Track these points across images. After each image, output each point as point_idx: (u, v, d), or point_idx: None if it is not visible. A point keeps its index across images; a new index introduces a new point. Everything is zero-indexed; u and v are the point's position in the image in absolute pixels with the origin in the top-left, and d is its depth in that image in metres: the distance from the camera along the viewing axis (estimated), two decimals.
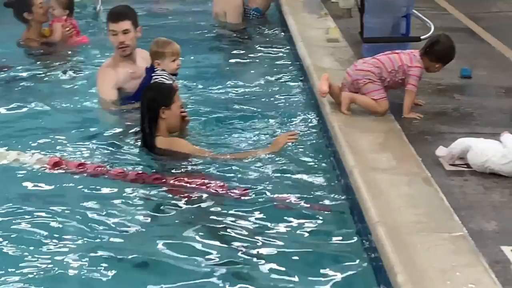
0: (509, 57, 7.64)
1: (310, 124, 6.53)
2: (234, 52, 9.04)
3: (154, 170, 5.59)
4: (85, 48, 8.83)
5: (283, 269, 4.39)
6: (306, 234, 4.78)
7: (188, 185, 5.36)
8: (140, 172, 5.56)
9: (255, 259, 4.50)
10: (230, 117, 6.69)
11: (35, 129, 6.44)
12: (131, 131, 6.21)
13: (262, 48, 9.02)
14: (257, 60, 8.57)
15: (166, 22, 10.29)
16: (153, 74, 6.41)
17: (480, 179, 4.99)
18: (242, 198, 5.21)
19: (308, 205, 5.10)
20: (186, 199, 5.21)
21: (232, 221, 4.95)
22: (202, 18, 10.35)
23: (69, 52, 8.68)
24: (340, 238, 4.72)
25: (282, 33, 9.52)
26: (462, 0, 10.18)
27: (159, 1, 11.63)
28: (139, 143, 5.95)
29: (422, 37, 7.06)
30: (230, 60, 8.69)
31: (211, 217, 5.00)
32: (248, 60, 8.60)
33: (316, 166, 5.72)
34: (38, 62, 8.39)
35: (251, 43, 9.41)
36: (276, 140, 5.90)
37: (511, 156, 4.96)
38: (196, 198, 5.22)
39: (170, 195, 5.28)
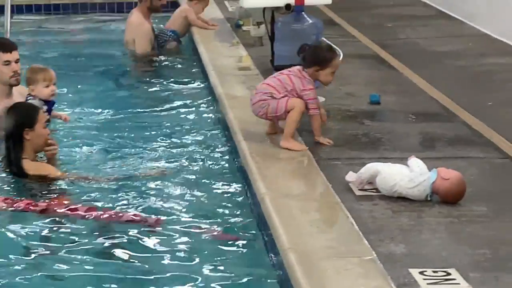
0: (416, 83, 7.79)
1: (222, 152, 6.54)
2: (143, 80, 8.97)
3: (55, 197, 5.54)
4: None
5: None
6: (217, 261, 4.78)
7: (101, 214, 5.34)
8: (52, 202, 5.49)
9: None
10: (134, 146, 6.69)
11: None
12: None
13: (172, 77, 8.97)
14: (167, 89, 8.53)
15: (79, 51, 10.19)
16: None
17: (389, 203, 5.06)
18: (158, 224, 5.20)
19: (219, 232, 5.11)
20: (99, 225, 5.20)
21: (137, 247, 4.95)
22: (115, 47, 10.26)
23: None
24: (252, 264, 4.74)
25: (194, 62, 9.52)
26: (371, 27, 10.34)
27: (73, 31, 11.51)
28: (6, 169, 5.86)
29: None
30: (138, 89, 8.65)
31: (120, 245, 4.99)
32: (157, 89, 8.56)
33: (228, 192, 5.74)
34: None
35: (161, 71, 9.34)
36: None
37: (418, 180, 5.06)
38: (108, 225, 5.20)
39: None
